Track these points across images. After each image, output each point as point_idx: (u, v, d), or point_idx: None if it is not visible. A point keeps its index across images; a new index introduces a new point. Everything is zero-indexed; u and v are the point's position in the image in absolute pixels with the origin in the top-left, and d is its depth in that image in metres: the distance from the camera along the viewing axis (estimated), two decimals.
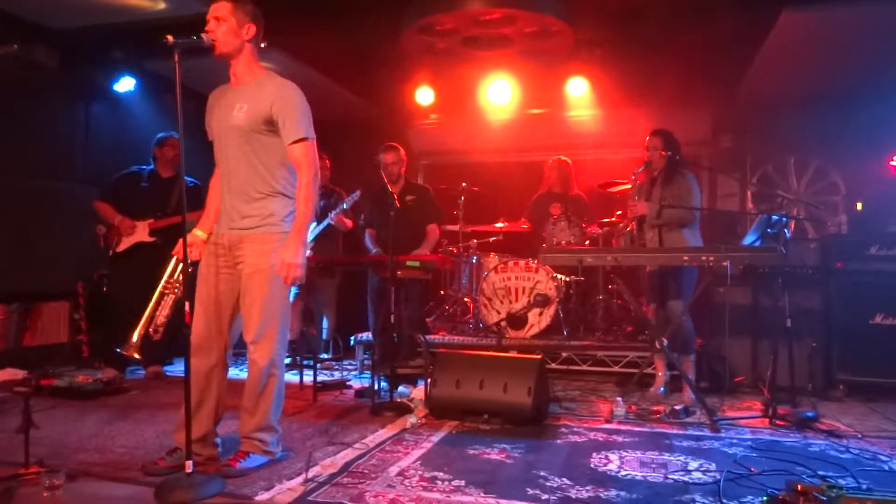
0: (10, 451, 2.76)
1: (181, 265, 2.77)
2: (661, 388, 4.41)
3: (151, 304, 2.79)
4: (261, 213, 2.75)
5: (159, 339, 2.82)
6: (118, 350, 2.81)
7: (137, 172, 5.09)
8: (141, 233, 4.93)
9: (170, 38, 2.42)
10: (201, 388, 2.76)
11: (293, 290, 5.50)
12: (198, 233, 2.88)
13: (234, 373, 3.24)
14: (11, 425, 2.68)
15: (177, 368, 5.12)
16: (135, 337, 2.75)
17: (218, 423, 2.85)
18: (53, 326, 5.30)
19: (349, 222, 5.37)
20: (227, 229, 2.79)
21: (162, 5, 4.73)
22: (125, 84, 5.89)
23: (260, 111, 2.72)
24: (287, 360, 5.26)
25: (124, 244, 4.93)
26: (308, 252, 5.29)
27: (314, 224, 5.46)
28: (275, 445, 2.85)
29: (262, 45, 2.88)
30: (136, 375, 4.97)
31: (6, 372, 4.41)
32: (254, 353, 2.75)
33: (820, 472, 2.73)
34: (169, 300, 2.83)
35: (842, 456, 3.04)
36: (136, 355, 2.82)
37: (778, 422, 3.57)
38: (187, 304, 2.46)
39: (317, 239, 5.45)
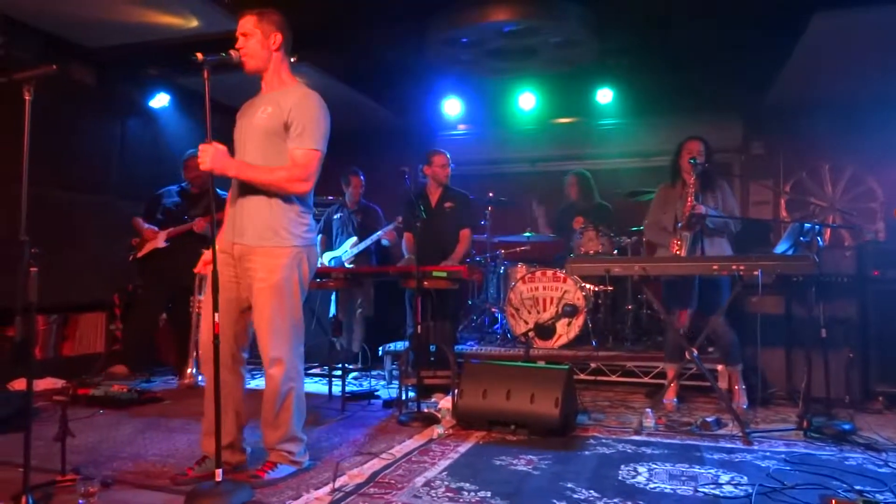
0: (47, 458, 2.84)
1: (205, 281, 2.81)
2: (675, 399, 4.37)
3: (193, 329, 2.81)
4: (272, 225, 2.73)
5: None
6: (177, 381, 2.82)
7: (168, 190, 5.29)
8: (158, 240, 5.12)
9: (199, 55, 2.47)
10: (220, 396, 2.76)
11: (332, 303, 5.61)
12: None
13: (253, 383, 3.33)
14: (49, 433, 2.75)
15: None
16: (190, 368, 2.77)
17: (242, 429, 2.87)
18: (90, 337, 5.45)
19: (393, 235, 5.47)
20: (237, 240, 2.77)
21: (194, 23, 4.85)
22: (160, 100, 6.06)
23: (281, 115, 2.71)
24: (316, 370, 5.39)
25: (144, 250, 5.14)
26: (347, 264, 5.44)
27: (353, 238, 5.54)
28: (301, 455, 2.87)
29: (293, 60, 2.92)
30: (168, 385, 5.08)
31: (45, 381, 4.54)
32: (270, 368, 2.74)
33: (857, 487, 2.65)
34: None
35: (880, 470, 2.95)
36: (197, 377, 2.85)
37: (813, 434, 3.49)
38: (216, 315, 2.48)
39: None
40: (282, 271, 2.72)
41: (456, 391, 3.79)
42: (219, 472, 2.43)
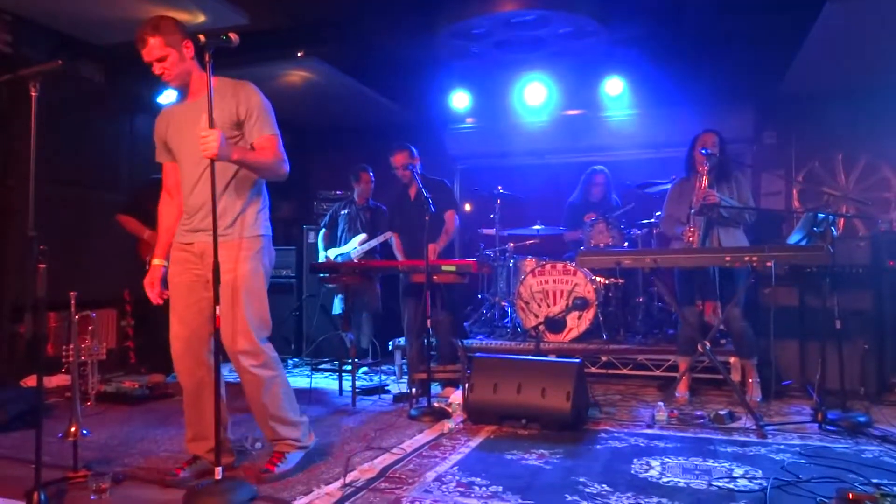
0: (60, 454, 2.85)
1: None
2: (687, 392, 4.35)
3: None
4: (232, 218, 2.68)
5: None
6: None
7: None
8: None
9: (202, 37, 2.44)
10: (193, 401, 2.74)
11: (339, 300, 5.61)
12: (156, 262, 2.83)
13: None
14: (61, 430, 2.75)
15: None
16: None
17: (227, 428, 2.84)
18: (101, 333, 5.46)
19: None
20: (198, 237, 2.70)
21: (202, 18, 4.84)
22: (167, 96, 6.04)
23: (227, 116, 2.63)
24: (326, 365, 5.38)
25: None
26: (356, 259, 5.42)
27: (363, 235, 5.52)
28: (306, 437, 2.84)
29: (299, 55, 2.88)
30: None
31: (57, 378, 4.56)
32: (243, 362, 2.67)
33: (874, 480, 2.62)
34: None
35: None
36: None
37: (828, 427, 3.45)
38: (218, 308, 2.44)
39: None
40: (247, 263, 2.68)
41: (467, 385, 3.77)
42: (218, 470, 2.40)
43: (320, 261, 5.58)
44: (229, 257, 2.66)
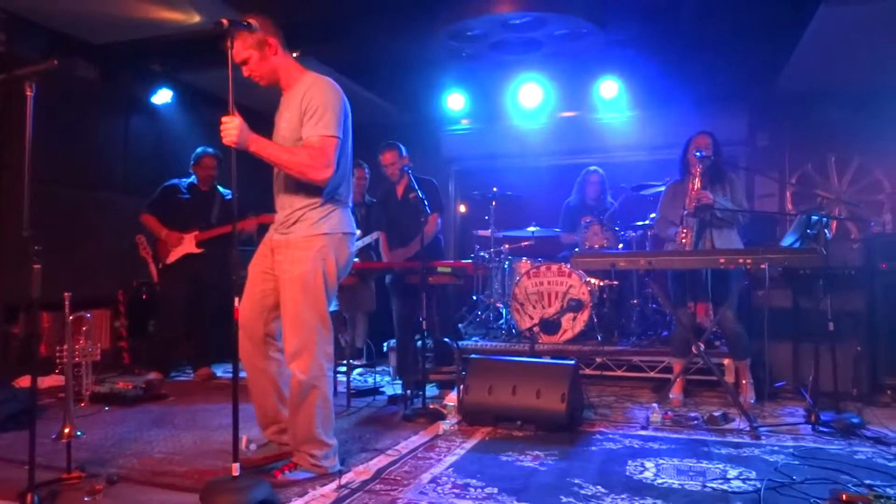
0: (53, 456, 2.83)
1: None
2: (681, 394, 4.35)
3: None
4: (298, 216, 2.71)
5: None
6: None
7: (177, 185, 5.24)
8: (188, 244, 5.09)
9: (225, 21, 2.42)
10: (251, 386, 2.82)
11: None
12: None
13: None
14: (55, 431, 2.74)
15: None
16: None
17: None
18: (95, 334, 5.44)
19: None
20: (273, 232, 2.83)
21: (196, 18, 4.83)
22: (162, 96, 6.04)
23: (297, 114, 2.67)
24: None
25: (173, 256, 5.09)
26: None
27: (357, 231, 5.51)
28: (326, 459, 2.75)
29: (295, 55, 2.89)
30: (183, 378, 5.10)
31: (51, 378, 4.54)
32: (291, 364, 2.68)
33: (866, 481, 2.63)
34: None
35: (890, 464, 2.93)
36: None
37: (821, 428, 3.46)
38: (237, 300, 2.48)
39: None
40: (305, 263, 2.68)
41: (461, 387, 3.77)
42: (236, 466, 2.39)
43: None
44: (290, 257, 2.71)
